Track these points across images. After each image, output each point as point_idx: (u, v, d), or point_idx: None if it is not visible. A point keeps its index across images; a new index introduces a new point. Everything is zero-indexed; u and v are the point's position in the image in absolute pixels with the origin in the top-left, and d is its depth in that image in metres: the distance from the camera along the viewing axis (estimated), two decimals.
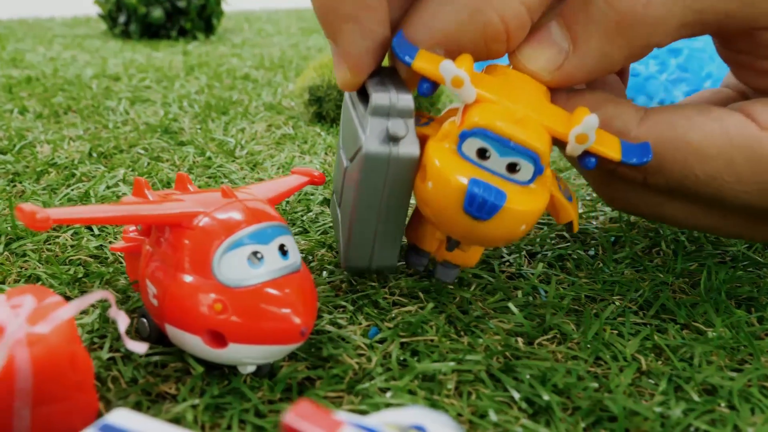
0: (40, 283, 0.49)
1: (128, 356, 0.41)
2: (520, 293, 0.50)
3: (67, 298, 0.47)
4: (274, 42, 2.19)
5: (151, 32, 2.17)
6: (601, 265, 0.56)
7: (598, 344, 0.43)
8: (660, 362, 0.43)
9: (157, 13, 2.10)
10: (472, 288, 0.51)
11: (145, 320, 0.41)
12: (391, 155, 0.43)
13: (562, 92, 0.46)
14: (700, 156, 0.43)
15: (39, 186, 0.69)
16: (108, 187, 0.69)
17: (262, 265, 0.37)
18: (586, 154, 0.42)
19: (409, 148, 0.43)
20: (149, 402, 0.37)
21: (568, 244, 0.60)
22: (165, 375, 0.39)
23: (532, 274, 0.53)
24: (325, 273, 0.52)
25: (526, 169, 0.41)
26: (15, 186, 0.69)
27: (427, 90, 0.43)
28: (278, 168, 0.78)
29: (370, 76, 0.45)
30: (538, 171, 0.41)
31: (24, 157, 0.78)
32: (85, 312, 0.45)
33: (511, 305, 0.47)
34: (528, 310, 0.47)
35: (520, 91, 0.43)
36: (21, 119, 0.97)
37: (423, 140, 0.44)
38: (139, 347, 0.33)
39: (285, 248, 0.39)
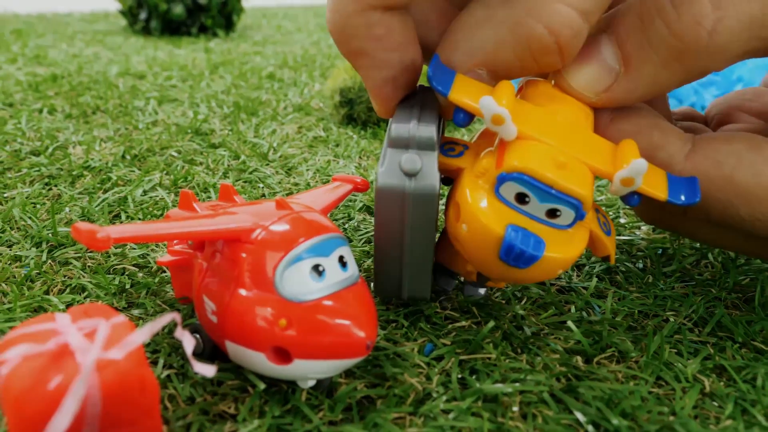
0: (86, 293, 0.48)
1: (184, 373, 0.40)
2: (573, 308, 0.49)
3: (114, 309, 0.46)
4: (295, 39, 2.19)
5: (172, 29, 2.17)
6: (651, 279, 0.55)
7: (658, 364, 0.42)
8: (722, 383, 0.42)
9: (178, 9, 2.10)
10: (524, 302, 0.50)
11: (198, 336, 0.41)
12: (406, 190, 0.41)
13: (605, 112, 0.43)
14: (747, 198, 0.41)
15: (75, 190, 0.68)
16: (145, 192, 0.68)
17: (323, 279, 0.36)
18: (631, 192, 0.40)
19: (427, 181, 0.41)
20: (209, 422, 0.36)
21: (616, 256, 0.58)
22: (222, 393, 0.39)
23: (584, 288, 0.52)
24: (372, 285, 0.51)
25: (567, 215, 0.39)
26: (51, 189, 0.69)
27: (463, 120, 0.41)
28: (314, 172, 0.78)
29: (403, 100, 0.44)
30: (580, 217, 0.39)
31: (58, 159, 0.78)
32: (136, 325, 0.44)
33: (570, 323, 0.46)
34: (584, 327, 0.46)
35: (563, 122, 0.40)
36: (51, 119, 0.97)
37: (457, 173, 0.43)
38: (208, 370, 0.32)
39: (344, 260, 0.38)
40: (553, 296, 0.51)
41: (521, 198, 0.39)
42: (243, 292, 0.36)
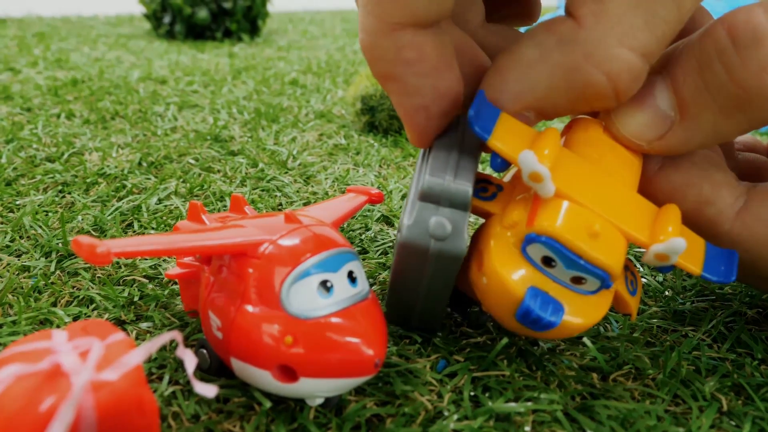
0: (93, 305, 0.47)
1: (189, 390, 0.39)
2: None
3: (122, 322, 0.46)
4: (320, 45, 2.19)
5: (196, 33, 2.17)
6: (670, 293, 0.54)
7: (675, 382, 0.42)
8: (740, 401, 0.41)
9: (203, 13, 2.10)
10: None
11: (205, 351, 0.40)
12: (431, 249, 0.39)
13: (655, 158, 0.41)
14: None
15: (89, 198, 0.68)
16: (160, 200, 0.68)
17: (331, 295, 0.35)
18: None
19: (454, 244, 0.39)
20: None
21: (636, 270, 0.57)
22: (228, 411, 0.38)
23: None
24: (385, 299, 0.50)
25: (593, 283, 0.37)
26: (64, 197, 0.68)
27: (501, 166, 0.39)
28: (333, 181, 0.77)
29: (439, 137, 0.42)
30: (605, 286, 0.37)
31: (73, 166, 0.78)
32: (142, 338, 0.43)
33: (585, 339, 0.45)
34: (600, 343, 0.45)
35: (606, 178, 0.38)
36: (68, 124, 0.97)
37: (486, 216, 0.42)
38: (209, 390, 0.31)
39: (354, 275, 0.37)
40: None
41: (547, 261, 0.37)
42: (249, 308, 0.35)
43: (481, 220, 0.43)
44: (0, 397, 0.28)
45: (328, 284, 0.36)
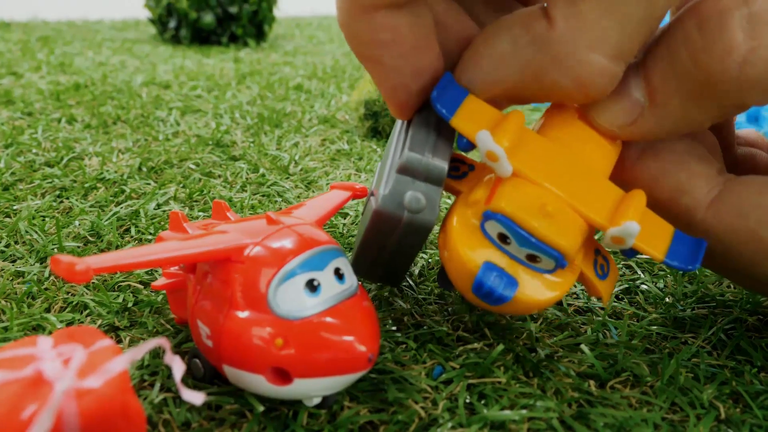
0: (87, 311, 0.47)
1: (180, 396, 0.39)
2: (589, 329, 0.48)
3: (116, 328, 0.45)
4: (326, 50, 2.19)
5: (202, 38, 2.17)
6: (671, 299, 0.53)
7: (673, 389, 0.41)
8: (738, 409, 0.41)
9: (208, 18, 2.10)
10: (539, 323, 0.49)
11: (198, 360, 0.39)
12: (404, 219, 0.40)
13: (636, 146, 0.41)
14: None
15: (87, 203, 0.67)
16: (158, 206, 0.68)
17: (319, 293, 0.35)
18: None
19: (425, 217, 0.40)
20: None
21: (637, 276, 0.57)
22: (220, 418, 0.37)
23: (602, 309, 0.51)
24: (385, 303, 0.50)
25: (547, 262, 0.38)
26: (62, 202, 0.68)
27: (467, 146, 0.41)
28: None
29: (419, 112, 0.42)
30: (560, 266, 0.38)
31: (72, 171, 0.77)
32: (136, 345, 0.43)
33: (583, 346, 0.45)
34: (599, 350, 0.45)
35: (574, 161, 0.39)
36: (69, 129, 0.97)
37: (456, 194, 0.43)
38: (196, 397, 0.31)
39: (341, 272, 0.37)
40: (570, 317, 0.49)
41: (503, 238, 0.39)
42: (237, 313, 0.35)
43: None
44: None
45: (315, 283, 0.35)
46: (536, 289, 0.39)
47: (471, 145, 0.40)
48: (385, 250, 0.43)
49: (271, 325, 0.34)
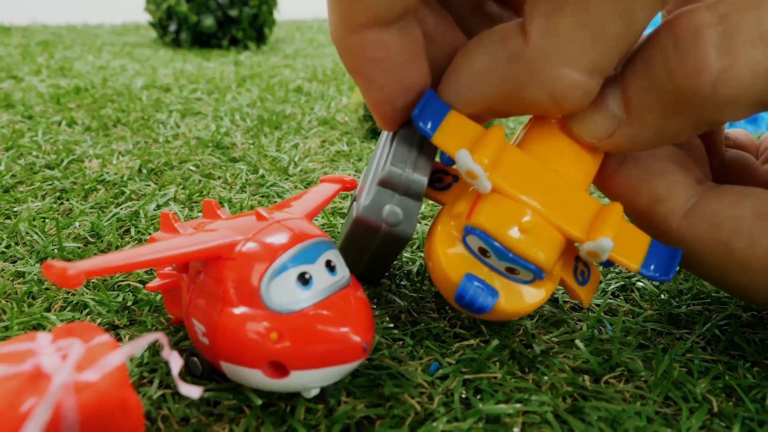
0: (87, 310, 0.47)
1: (179, 392, 0.39)
2: (584, 326, 0.48)
3: (115, 327, 0.46)
4: (327, 53, 2.19)
5: (202, 41, 2.17)
6: (666, 296, 0.54)
7: (667, 383, 0.42)
8: (731, 403, 0.41)
9: (209, 21, 2.10)
10: (535, 319, 0.49)
11: (195, 359, 0.40)
12: (382, 229, 0.42)
13: (618, 154, 0.41)
14: (741, 268, 0.39)
15: (87, 204, 0.68)
16: (158, 207, 0.68)
17: (311, 286, 0.36)
18: None
19: (403, 228, 0.42)
20: None
21: (633, 273, 0.57)
22: (218, 413, 0.38)
23: (597, 305, 0.51)
24: (382, 301, 0.51)
25: (526, 274, 0.40)
26: (62, 204, 0.68)
27: (449, 161, 0.42)
28: None
29: (405, 125, 0.43)
30: (539, 277, 0.39)
31: (72, 173, 0.77)
32: (119, 344, 0.43)
33: (577, 341, 0.45)
34: (594, 345, 0.45)
35: (552, 175, 0.39)
36: (69, 132, 0.97)
37: (441, 204, 0.44)
38: (194, 391, 0.31)
39: (332, 264, 0.37)
40: (566, 313, 0.50)
41: (483, 251, 0.40)
42: (230, 310, 0.35)
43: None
44: None
45: (307, 276, 0.36)
46: (515, 300, 0.41)
47: (452, 162, 0.41)
48: (365, 254, 0.45)
49: (265, 320, 0.34)
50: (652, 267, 0.38)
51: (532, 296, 0.41)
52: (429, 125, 0.39)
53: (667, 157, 0.41)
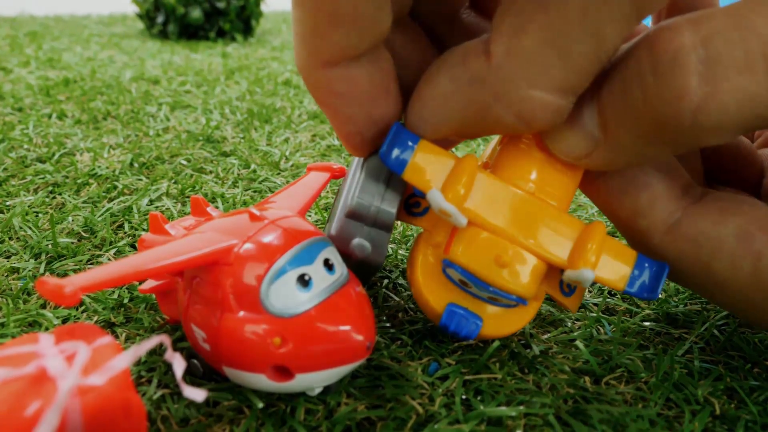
0: (83, 307, 0.47)
1: (179, 393, 0.39)
2: (582, 325, 0.48)
3: (112, 324, 0.45)
4: None
5: (189, 33, 2.17)
6: (663, 295, 0.53)
7: (668, 385, 0.41)
8: (733, 405, 0.41)
9: (196, 13, 2.10)
10: (533, 319, 0.49)
11: (196, 361, 0.39)
12: (350, 259, 0.42)
13: None
14: (721, 288, 0.38)
15: (79, 198, 0.67)
16: (151, 202, 0.67)
17: (311, 287, 0.35)
18: None
19: (373, 257, 0.42)
20: None
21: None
22: (218, 414, 0.37)
23: (595, 305, 0.51)
24: (379, 300, 0.51)
25: (507, 301, 0.39)
26: (55, 198, 0.68)
27: (422, 194, 0.42)
28: None
29: (374, 153, 0.42)
30: (521, 302, 0.39)
31: (64, 167, 0.77)
32: (132, 341, 0.43)
33: (578, 342, 0.45)
34: (593, 346, 0.45)
35: (527, 200, 0.38)
36: (60, 125, 0.96)
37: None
38: (198, 394, 0.31)
39: (330, 262, 0.37)
40: (564, 313, 0.49)
41: (464, 283, 0.39)
42: (231, 315, 0.35)
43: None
44: None
45: (306, 277, 0.35)
46: (500, 324, 0.42)
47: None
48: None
49: (267, 325, 0.34)
50: (638, 285, 0.38)
51: (516, 318, 0.42)
52: (398, 162, 0.38)
53: (649, 169, 0.39)
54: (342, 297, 0.36)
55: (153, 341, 0.30)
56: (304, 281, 0.35)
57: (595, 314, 0.49)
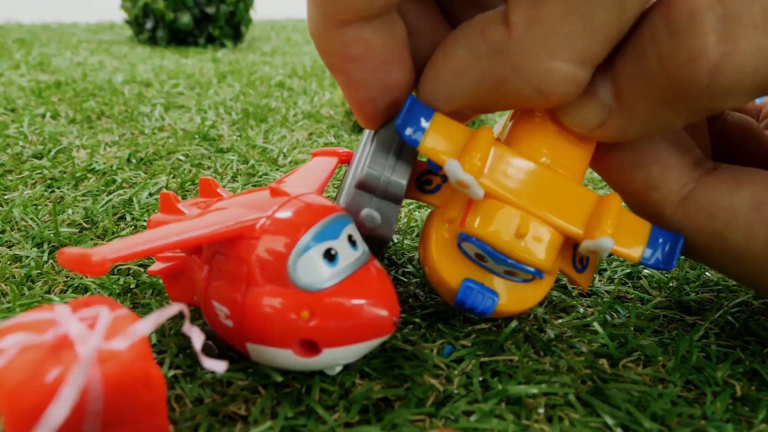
0: (89, 293, 0.46)
1: (192, 373, 0.38)
2: (596, 311, 0.48)
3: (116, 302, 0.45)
4: (305, 51, 2.19)
5: (179, 39, 2.17)
6: (675, 283, 0.53)
7: (687, 367, 0.41)
8: (753, 387, 0.40)
9: (186, 19, 2.10)
10: (544, 305, 0.49)
11: (211, 342, 0.39)
12: (361, 231, 0.41)
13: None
14: (736, 259, 0.37)
15: (78, 192, 0.67)
16: (151, 194, 0.67)
17: (337, 262, 0.35)
18: None
19: (382, 231, 0.42)
20: (218, 423, 0.35)
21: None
22: (232, 394, 0.37)
23: (607, 292, 0.51)
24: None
25: (524, 275, 0.39)
26: (53, 192, 0.67)
27: (436, 167, 0.41)
28: None
29: (386, 124, 0.42)
30: (538, 276, 0.39)
31: (60, 162, 0.77)
32: (140, 317, 0.43)
33: (596, 324, 0.44)
34: (608, 330, 0.45)
35: (543, 172, 0.38)
36: (54, 123, 0.96)
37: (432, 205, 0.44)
38: (219, 366, 0.30)
39: (353, 238, 0.37)
40: (576, 299, 0.49)
41: (480, 257, 0.39)
42: (257, 290, 0.34)
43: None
44: (4, 368, 0.27)
45: (333, 252, 0.35)
46: (516, 299, 0.41)
47: (439, 168, 0.39)
48: None
49: (295, 298, 0.34)
50: (654, 256, 0.38)
51: (532, 293, 0.41)
52: (413, 134, 0.38)
53: (662, 136, 0.39)
54: (367, 272, 0.36)
55: (173, 309, 0.29)
56: (330, 256, 0.35)
57: (608, 300, 0.49)
